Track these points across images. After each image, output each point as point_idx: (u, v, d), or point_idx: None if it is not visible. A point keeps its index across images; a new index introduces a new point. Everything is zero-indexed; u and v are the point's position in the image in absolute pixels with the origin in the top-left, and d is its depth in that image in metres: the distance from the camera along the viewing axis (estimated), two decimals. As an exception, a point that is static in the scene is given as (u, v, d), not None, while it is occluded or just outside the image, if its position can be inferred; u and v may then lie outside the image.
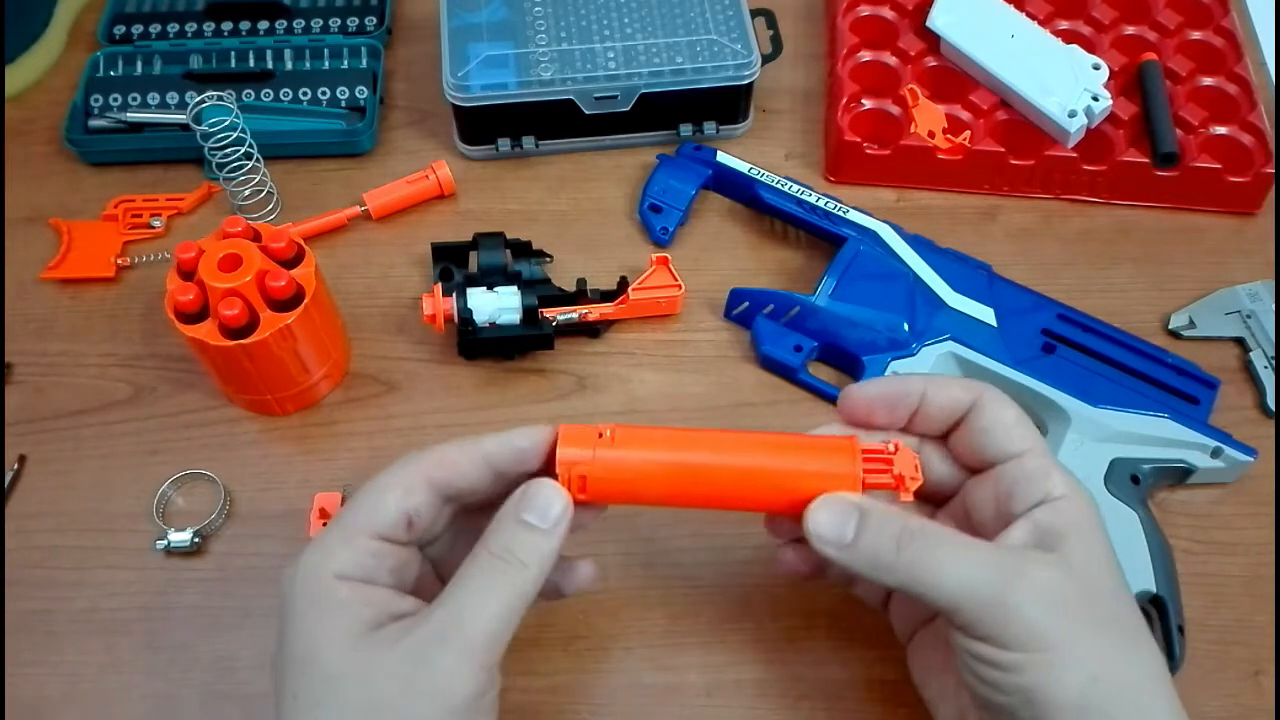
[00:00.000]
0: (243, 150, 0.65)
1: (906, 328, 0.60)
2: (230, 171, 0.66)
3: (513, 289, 0.60)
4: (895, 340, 0.60)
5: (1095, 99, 0.66)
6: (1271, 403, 0.61)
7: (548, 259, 0.66)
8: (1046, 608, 0.39)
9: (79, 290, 0.66)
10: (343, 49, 0.74)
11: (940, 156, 0.68)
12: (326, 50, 0.74)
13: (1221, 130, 0.68)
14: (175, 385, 0.62)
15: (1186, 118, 0.68)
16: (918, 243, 0.64)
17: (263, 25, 0.76)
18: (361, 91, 0.72)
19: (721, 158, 0.68)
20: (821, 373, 0.62)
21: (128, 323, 0.64)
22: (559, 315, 0.61)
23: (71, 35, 0.78)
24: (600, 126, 0.70)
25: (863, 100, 0.70)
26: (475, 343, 0.61)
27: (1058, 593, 0.40)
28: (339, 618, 0.40)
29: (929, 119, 0.69)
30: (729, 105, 0.70)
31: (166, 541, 0.55)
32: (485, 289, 0.60)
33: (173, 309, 0.54)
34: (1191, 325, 0.63)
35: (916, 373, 0.59)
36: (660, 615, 0.54)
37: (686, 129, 0.71)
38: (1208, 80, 0.70)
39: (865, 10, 0.74)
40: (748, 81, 0.68)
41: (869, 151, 0.68)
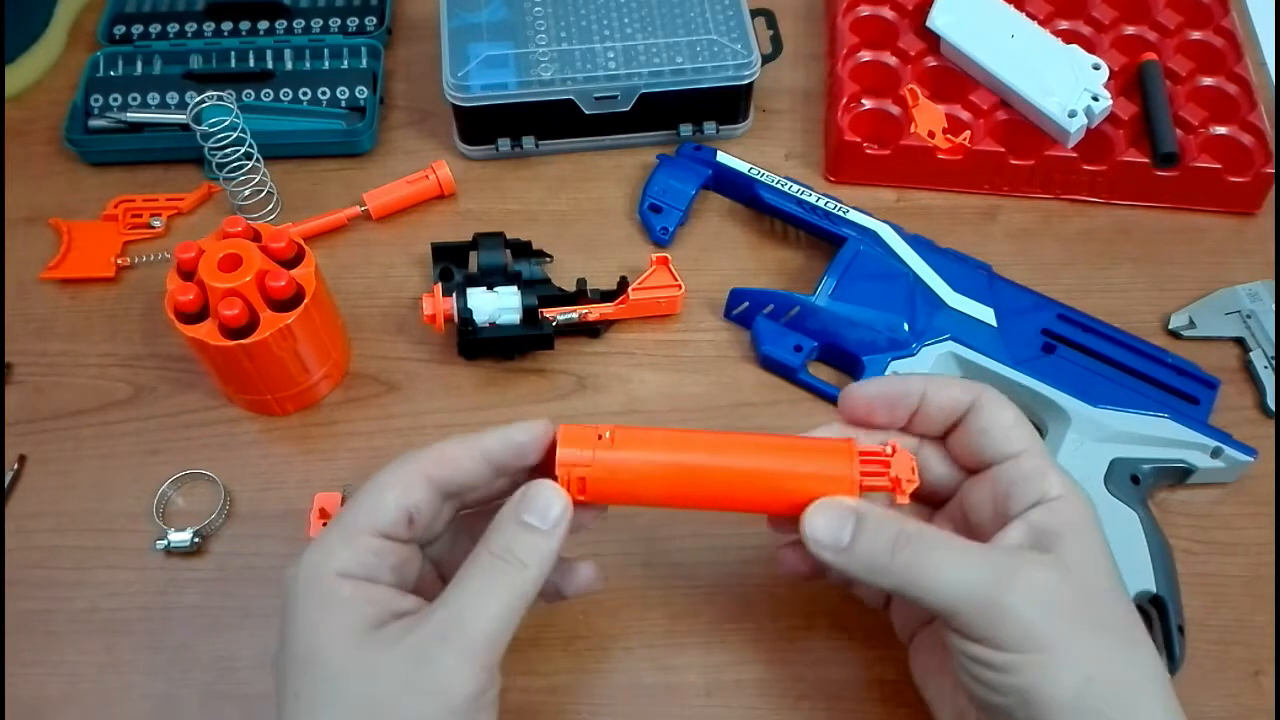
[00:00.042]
0: (243, 150, 0.65)
1: (906, 328, 0.60)
2: (230, 171, 0.66)
3: (513, 289, 0.60)
4: (895, 340, 0.60)
5: (1095, 99, 0.66)
6: (1271, 403, 0.61)
7: (548, 259, 0.66)
8: (1041, 608, 0.40)
9: (79, 290, 0.66)
10: (343, 49, 0.74)
11: (940, 156, 0.68)
12: (326, 50, 0.74)
13: (1221, 130, 0.68)
14: (175, 385, 0.62)
15: (1186, 118, 0.68)
16: (918, 243, 0.64)
17: (263, 25, 0.76)
18: (361, 91, 0.72)
19: (721, 158, 0.67)
20: (821, 373, 0.62)
21: (128, 323, 0.64)
22: (559, 315, 0.61)
23: (71, 35, 0.78)
24: (600, 126, 0.70)
25: (863, 100, 0.70)
26: (475, 343, 0.61)
27: (1052, 593, 0.40)
28: (341, 616, 0.40)
29: (929, 119, 0.69)
30: (729, 105, 0.70)
31: (166, 541, 0.56)
32: (485, 289, 0.60)
33: (173, 309, 0.54)
34: (1191, 325, 0.63)
35: (917, 373, 0.59)
36: (660, 615, 0.54)
37: (686, 129, 0.71)
38: (1208, 80, 0.70)
39: (865, 10, 0.74)
40: (748, 81, 0.68)
41: (869, 151, 0.68)
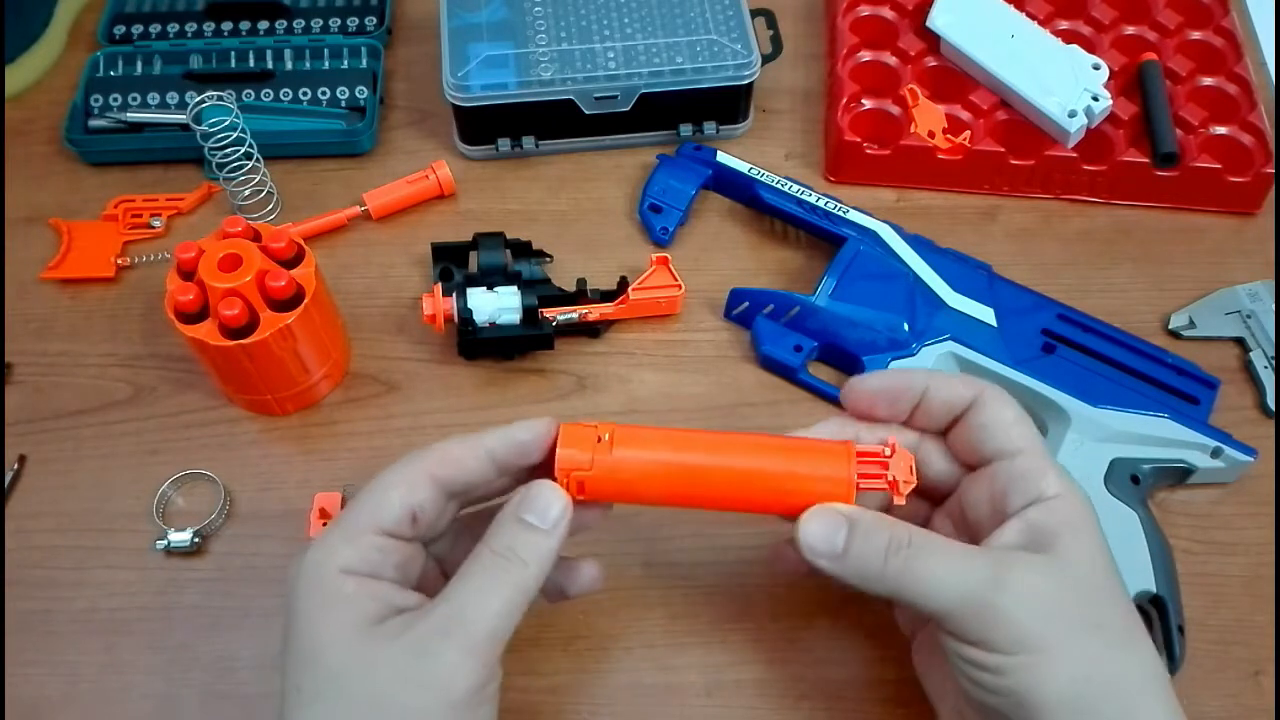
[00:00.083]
0: (243, 150, 0.65)
1: (906, 328, 0.60)
2: (230, 171, 0.66)
3: (513, 289, 0.60)
4: (895, 340, 0.60)
5: (1095, 99, 0.66)
6: (1271, 403, 0.61)
7: (548, 259, 0.66)
8: (1033, 610, 0.40)
9: (79, 290, 0.66)
10: (343, 49, 0.74)
11: (940, 156, 0.68)
12: (326, 50, 0.74)
13: (1221, 130, 0.68)
14: (175, 385, 0.62)
15: (1186, 118, 0.68)
16: (918, 243, 0.64)
17: (263, 25, 0.76)
18: (361, 91, 0.72)
19: (721, 158, 0.67)
20: (821, 373, 0.62)
21: (128, 323, 0.64)
22: (559, 315, 0.61)
23: (71, 35, 0.78)
24: (600, 126, 0.70)
25: (863, 100, 0.70)
26: (475, 343, 0.61)
27: (1045, 595, 0.40)
28: (344, 612, 0.40)
29: (929, 119, 0.69)
30: (729, 105, 0.70)
31: (166, 541, 0.55)
32: (485, 289, 0.60)
33: (173, 309, 0.54)
34: (1191, 325, 0.63)
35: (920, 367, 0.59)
36: (660, 615, 0.54)
37: (686, 129, 0.71)
38: (1208, 80, 0.70)
39: (865, 10, 0.74)
40: (748, 81, 0.68)
41: (869, 151, 0.68)
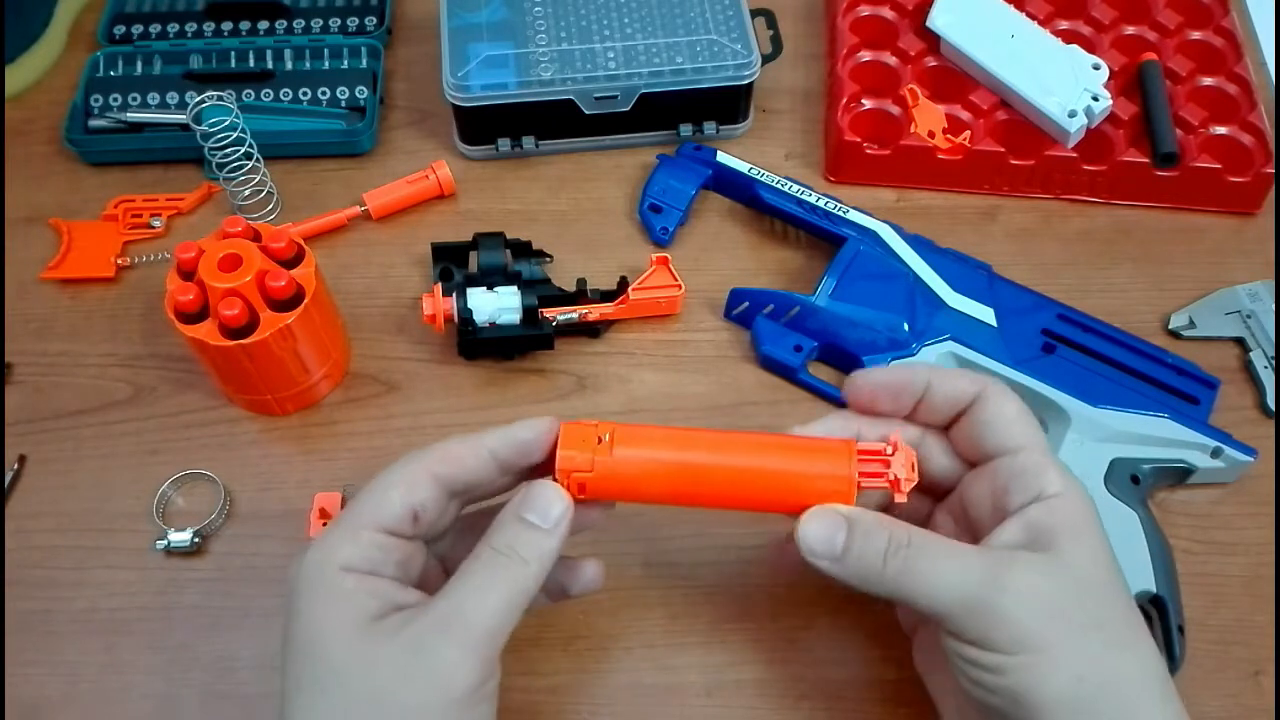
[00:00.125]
0: (243, 150, 0.65)
1: (906, 328, 0.60)
2: (230, 171, 0.66)
3: (513, 289, 0.60)
4: (895, 340, 0.60)
5: (1095, 99, 0.66)
6: (1271, 403, 0.61)
7: (548, 259, 0.66)
8: (1032, 610, 0.40)
9: (79, 290, 0.66)
10: (343, 49, 0.74)
11: (940, 156, 0.68)
12: (326, 50, 0.74)
13: (1221, 130, 0.68)
14: (175, 385, 0.62)
15: (1186, 118, 0.68)
16: (918, 243, 0.64)
17: (263, 25, 0.76)
18: (361, 91, 0.72)
19: (721, 158, 0.67)
20: (821, 373, 0.62)
21: (128, 323, 0.64)
22: (559, 315, 0.61)
23: (71, 35, 0.78)
24: (600, 126, 0.70)
25: (863, 100, 0.70)
26: (475, 343, 0.61)
27: (1045, 595, 0.40)
28: (344, 608, 0.40)
29: (929, 119, 0.69)
30: (729, 105, 0.70)
31: (166, 541, 0.55)
32: (485, 289, 0.60)
33: (173, 309, 0.54)
34: (1191, 325, 0.63)
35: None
36: (660, 615, 0.54)
37: (686, 129, 0.71)
38: (1208, 80, 0.70)
39: (865, 10, 0.74)
40: (748, 81, 0.68)
41: (869, 151, 0.68)
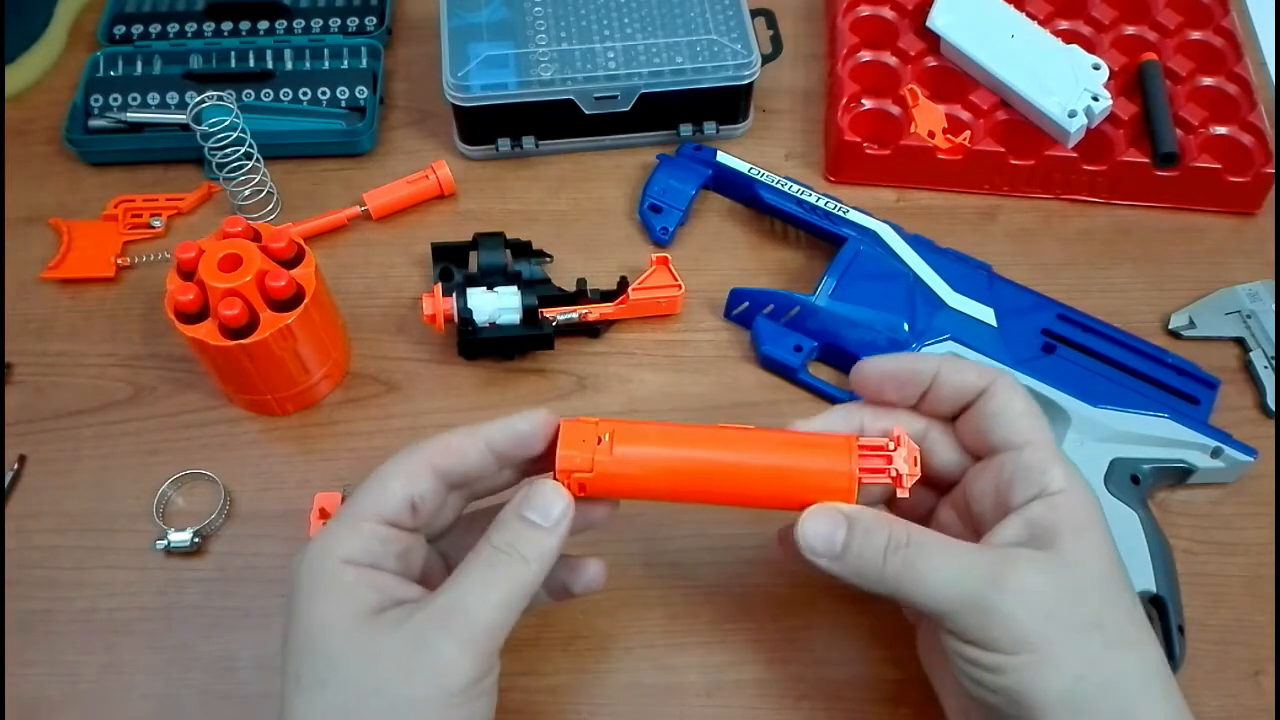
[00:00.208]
0: (243, 150, 0.65)
1: (906, 328, 0.60)
2: (230, 171, 0.66)
3: (513, 289, 0.60)
4: (895, 340, 0.60)
5: (1095, 99, 0.66)
6: (1271, 403, 0.60)
7: (548, 259, 0.66)
8: (1031, 610, 0.40)
9: (79, 290, 0.66)
10: (343, 49, 0.74)
11: (940, 156, 0.68)
12: (326, 50, 0.74)
13: (1221, 130, 0.68)
14: (175, 385, 0.62)
15: (1186, 118, 0.68)
16: (918, 243, 0.64)
17: (263, 25, 0.75)
18: (361, 91, 0.72)
19: (721, 158, 0.67)
20: (821, 373, 0.62)
21: (128, 323, 0.64)
22: (559, 315, 0.61)
23: (71, 35, 0.78)
24: (600, 126, 0.70)
25: (863, 100, 0.70)
26: (475, 343, 0.61)
27: (1045, 594, 0.40)
28: (345, 601, 0.40)
29: (929, 119, 0.69)
30: (729, 105, 0.70)
31: (166, 541, 0.55)
32: (485, 289, 0.60)
33: (173, 309, 0.54)
34: (1191, 325, 0.63)
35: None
36: (660, 615, 0.54)
37: (686, 129, 0.71)
38: (1208, 80, 0.70)
39: (865, 10, 0.74)
40: (748, 81, 0.68)
41: (869, 151, 0.68)
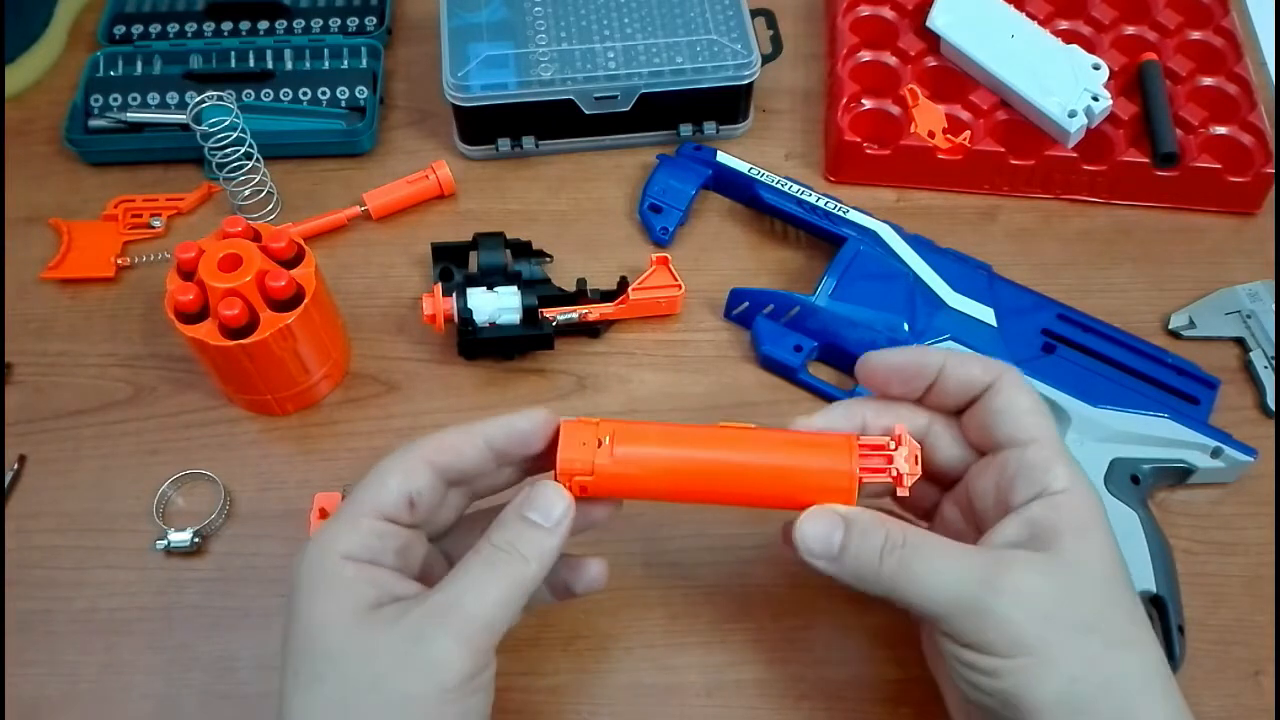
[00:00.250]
0: (243, 150, 0.65)
1: (906, 328, 0.60)
2: (230, 171, 0.66)
3: (513, 289, 0.60)
4: (895, 340, 0.60)
5: (1095, 99, 0.66)
6: (1271, 403, 0.60)
7: (548, 259, 0.66)
8: (1026, 613, 0.39)
9: (79, 290, 0.66)
10: (343, 49, 0.74)
11: (940, 156, 0.68)
12: (326, 50, 0.74)
13: (1221, 130, 0.68)
14: (175, 385, 0.62)
15: (1186, 118, 0.68)
16: (918, 243, 0.64)
17: (263, 25, 0.75)
18: (361, 91, 0.72)
19: (721, 158, 0.67)
20: (821, 373, 0.62)
21: (128, 323, 0.64)
22: (559, 315, 0.61)
23: (71, 35, 0.78)
24: (600, 126, 0.70)
25: (863, 100, 0.70)
26: (475, 343, 0.61)
27: (1041, 596, 0.40)
28: (343, 597, 0.40)
29: (929, 119, 0.69)
30: (729, 105, 0.70)
31: (166, 541, 0.55)
32: (485, 289, 0.60)
33: (173, 309, 0.54)
34: (1191, 325, 0.63)
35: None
36: (660, 615, 0.54)
37: (686, 129, 0.71)
38: (1208, 80, 0.70)
39: (865, 10, 0.74)
40: (748, 81, 0.68)
41: (869, 151, 0.68)
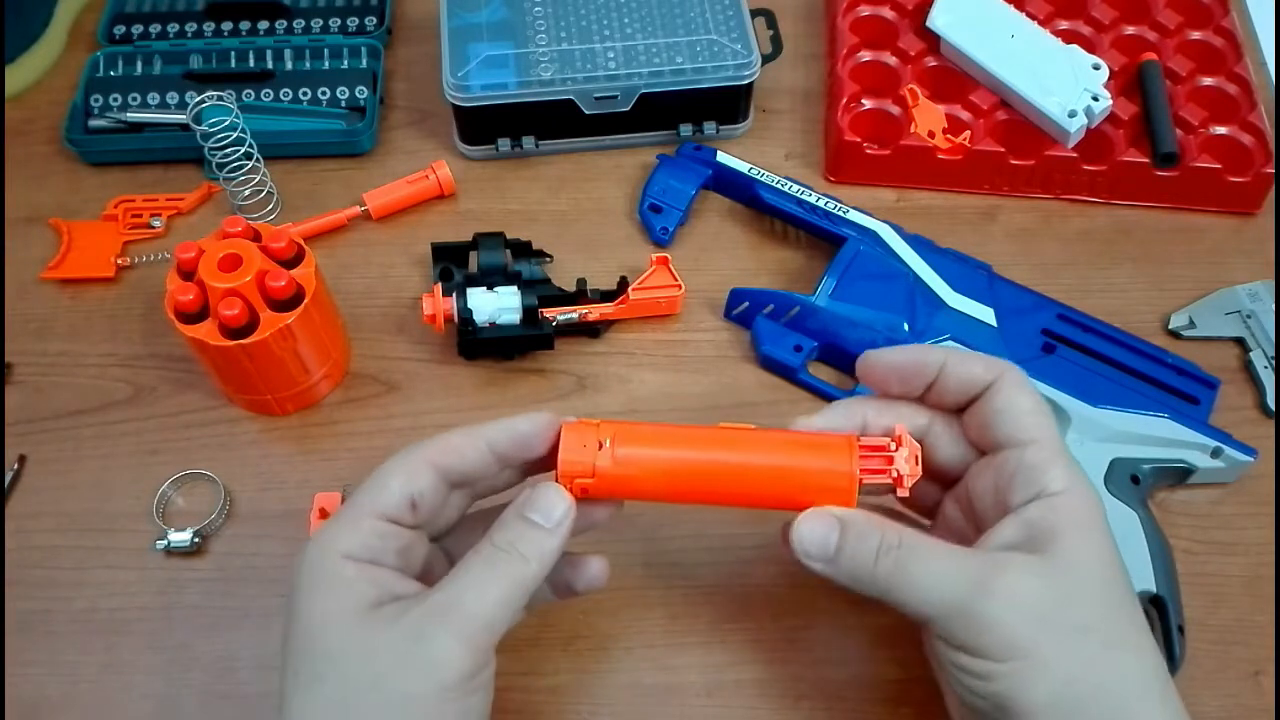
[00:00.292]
0: (243, 150, 0.65)
1: (906, 328, 0.60)
2: (230, 171, 0.66)
3: (513, 289, 0.60)
4: (895, 340, 0.60)
5: (1095, 99, 0.66)
6: (1271, 403, 0.60)
7: (548, 259, 0.66)
8: (1020, 616, 0.39)
9: (79, 290, 0.66)
10: (343, 49, 0.74)
11: (940, 156, 0.68)
12: (326, 50, 0.74)
13: (1221, 130, 0.68)
14: (175, 385, 0.62)
15: (1186, 118, 0.68)
16: (918, 243, 0.64)
17: (263, 25, 0.76)
18: (361, 91, 0.72)
19: (721, 158, 0.67)
20: (821, 373, 0.62)
21: (128, 323, 0.64)
22: (559, 315, 0.61)
23: (71, 35, 0.78)
24: (600, 126, 0.70)
25: (863, 100, 0.70)
26: (475, 343, 0.61)
27: (1036, 599, 0.40)
28: (344, 595, 0.40)
29: (929, 119, 0.69)
30: (729, 105, 0.70)
31: (166, 541, 0.55)
32: (485, 289, 0.60)
33: (173, 309, 0.54)
34: (1191, 325, 0.63)
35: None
36: (660, 615, 0.54)
37: (686, 129, 0.71)
38: (1208, 80, 0.70)
39: (865, 10, 0.74)
40: (748, 81, 0.68)
41: (869, 151, 0.68)
